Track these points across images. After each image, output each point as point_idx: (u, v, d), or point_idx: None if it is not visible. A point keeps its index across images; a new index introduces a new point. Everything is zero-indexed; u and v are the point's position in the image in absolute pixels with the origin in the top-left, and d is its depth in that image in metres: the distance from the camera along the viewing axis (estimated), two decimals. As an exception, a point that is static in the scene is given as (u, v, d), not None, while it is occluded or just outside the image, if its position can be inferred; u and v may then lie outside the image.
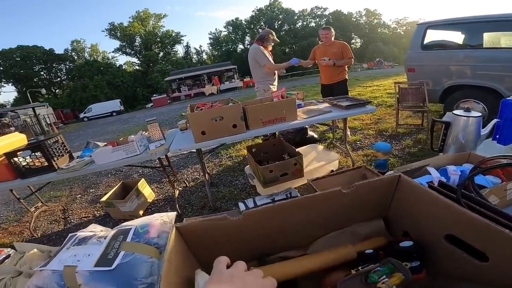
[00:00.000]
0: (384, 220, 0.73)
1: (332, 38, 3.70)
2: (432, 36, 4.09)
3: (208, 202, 2.63)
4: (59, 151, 2.20)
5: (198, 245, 0.60)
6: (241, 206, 1.04)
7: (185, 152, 4.49)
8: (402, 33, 49.22)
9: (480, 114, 1.14)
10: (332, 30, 3.72)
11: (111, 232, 0.81)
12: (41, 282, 0.70)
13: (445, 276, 0.61)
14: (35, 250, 0.89)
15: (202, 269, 0.54)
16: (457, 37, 4.12)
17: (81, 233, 0.85)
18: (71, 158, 2.33)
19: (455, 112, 1.19)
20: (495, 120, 1.23)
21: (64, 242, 0.83)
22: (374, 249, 0.65)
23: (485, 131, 1.19)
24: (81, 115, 24.38)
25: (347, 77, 3.84)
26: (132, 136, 2.23)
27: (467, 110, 1.17)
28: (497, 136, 1.25)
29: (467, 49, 3.82)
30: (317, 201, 0.61)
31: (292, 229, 0.64)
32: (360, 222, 0.71)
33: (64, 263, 0.71)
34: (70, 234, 0.86)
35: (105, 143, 2.38)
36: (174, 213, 0.96)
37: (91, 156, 2.14)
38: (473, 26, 3.79)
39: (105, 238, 0.78)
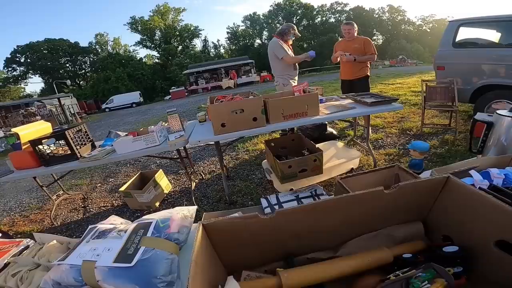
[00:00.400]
0: (423, 223, 0.66)
1: (355, 34, 3.59)
2: (465, 34, 3.89)
3: (224, 196, 2.62)
4: (82, 140, 2.24)
5: (224, 244, 0.56)
6: (264, 202, 1.00)
7: (203, 144, 4.51)
8: (428, 30, 47.42)
9: (527, 114, 1.04)
10: (355, 25, 3.61)
11: (131, 226, 0.78)
12: (58, 277, 0.68)
13: (488, 282, 0.56)
14: (55, 241, 0.88)
15: (227, 271, 0.50)
16: (491, 35, 3.92)
17: (101, 226, 0.83)
18: (93, 147, 2.37)
19: (499, 112, 1.10)
20: None
21: (84, 234, 0.82)
22: (411, 252, 0.60)
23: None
24: (103, 106, 25.15)
25: (369, 73, 3.71)
26: (153, 126, 2.24)
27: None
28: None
29: (501, 47, 3.60)
30: (355, 201, 0.56)
31: (323, 230, 0.60)
32: (396, 225, 0.65)
33: (83, 258, 0.69)
34: (90, 226, 0.84)
35: (126, 133, 2.41)
36: (195, 207, 0.93)
37: (112, 145, 2.17)
38: (509, 24, 3.58)
39: (125, 232, 0.75)
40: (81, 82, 41.78)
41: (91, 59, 41.37)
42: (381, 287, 0.50)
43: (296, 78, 3.46)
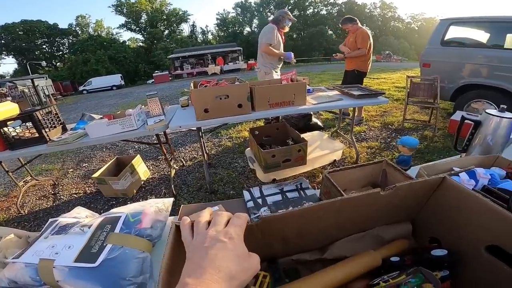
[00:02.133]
0: (411, 223, 0.63)
1: (357, 26, 3.68)
2: (454, 32, 3.97)
3: (205, 184, 2.55)
4: (51, 122, 2.07)
5: None
6: (246, 195, 0.93)
7: (184, 129, 4.38)
8: (416, 28, 48.67)
9: (513, 115, 1.03)
10: (352, 21, 3.67)
11: (97, 220, 0.69)
12: (13, 276, 0.59)
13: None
14: (12, 235, 0.77)
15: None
16: (480, 35, 4.00)
17: (63, 219, 0.73)
18: (64, 130, 2.20)
19: (488, 111, 1.09)
20: None
21: (43, 229, 0.72)
22: (398, 255, 0.57)
23: (516, 135, 1.09)
24: (81, 88, 24.35)
25: (362, 68, 3.75)
26: (130, 110, 2.11)
27: (502, 110, 1.06)
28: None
29: (487, 48, 3.69)
30: (349, 204, 0.51)
31: (311, 233, 0.54)
32: (385, 225, 0.61)
33: (40, 256, 0.60)
34: (50, 220, 0.74)
35: (101, 116, 2.25)
36: (171, 199, 0.85)
37: (85, 128, 2.02)
38: (497, 26, 3.67)
39: (89, 227, 0.66)
40: (57, 64, 40.02)
41: (70, 41, 39.65)
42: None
43: (279, 69, 3.41)
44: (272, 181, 2.30)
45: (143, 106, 2.33)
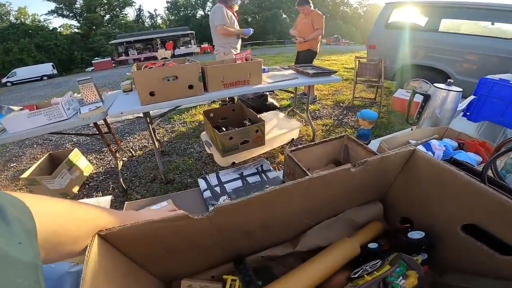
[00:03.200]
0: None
1: (310, 10, 3.69)
2: (397, 16, 4.15)
3: (159, 174, 2.35)
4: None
5: (145, 253, 0.38)
6: (202, 183, 0.82)
7: (131, 117, 4.01)
8: (362, 13, 51.45)
9: (460, 89, 1.08)
10: (309, 3, 3.67)
11: None
12: None
13: (451, 269, 0.51)
14: None
15: (164, 283, 0.33)
16: (419, 19, 4.27)
17: None
18: (-24, 125, 1.79)
19: (437, 84, 1.12)
20: (472, 97, 1.19)
21: None
22: (374, 240, 0.52)
23: (461, 107, 1.15)
24: (4, 80, 21.22)
25: (314, 48, 3.82)
26: (58, 98, 1.79)
27: (449, 84, 1.10)
28: (468, 113, 1.22)
29: (423, 31, 3.95)
30: (320, 184, 0.43)
31: (277, 222, 0.46)
32: (356, 207, 0.56)
33: None
34: None
35: (21, 107, 1.88)
36: (109, 197, 0.71)
37: (1, 123, 1.66)
38: (435, 10, 3.93)
39: None
40: None
41: None
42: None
43: (239, 47, 3.27)
44: (231, 165, 2.21)
45: (75, 94, 2.01)
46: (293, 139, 2.72)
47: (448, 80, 1.11)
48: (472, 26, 3.92)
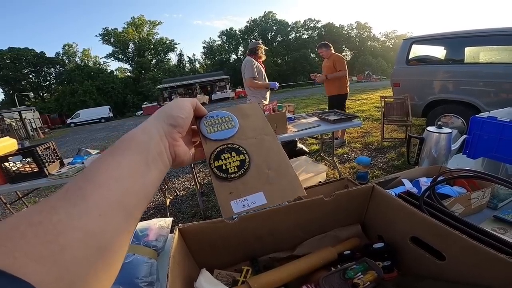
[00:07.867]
0: (361, 225, 0.82)
1: (330, 52, 3.86)
2: (417, 51, 4.18)
3: (199, 211, 2.68)
4: (50, 157, 2.21)
5: (197, 246, 0.66)
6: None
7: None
8: (391, 46, 50.81)
9: (450, 130, 1.26)
10: (327, 46, 3.87)
11: None
12: None
13: (412, 274, 0.69)
14: None
15: (201, 269, 0.61)
16: (438, 52, 4.22)
17: None
18: (62, 164, 2.34)
19: (428, 128, 1.32)
20: (464, 136, 1.35)
21: None
22: (351, 250, 0.74)
23: (455, 146, 1.31)
24: (68, 121, 23.87)
25: (342, 91, 3.94)
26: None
27: (439, 127, 1.29)
28: (467, 151, 1.36)
29: (448, 64, 3.90)
30: (302, 207, 0.69)
31: (281, 232, 0.72)
32: (341, 227, 0.80)
33: None
34: None
35: (98, 151, 2.41)
36: (171, 218, 1.02)
37: (83, 163, 2.17)
38: (452, 41, 3.89)
39: None
40: (44, 95, 39.21)
41: (57, 71, 39.18)
42: (323, 277, 0.63)
43: (268, 96, 3.62)
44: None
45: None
46: (320, 182, 2.86)
47: (438, 123, 1.30)
48: (497, 53, 3.77)
